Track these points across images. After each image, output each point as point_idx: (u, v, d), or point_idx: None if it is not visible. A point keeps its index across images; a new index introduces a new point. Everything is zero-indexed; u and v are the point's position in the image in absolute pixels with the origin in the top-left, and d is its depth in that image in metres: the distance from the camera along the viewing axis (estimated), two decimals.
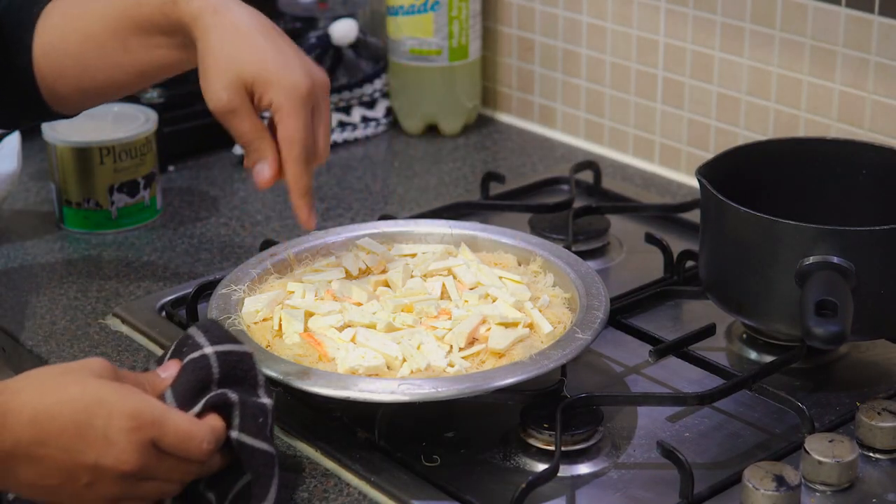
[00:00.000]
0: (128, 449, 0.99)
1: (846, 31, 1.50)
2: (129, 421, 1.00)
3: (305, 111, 1.19)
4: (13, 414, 0.99)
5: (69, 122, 1.58)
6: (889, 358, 1.29)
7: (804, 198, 1.35)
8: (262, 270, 1.31)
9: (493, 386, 1.11)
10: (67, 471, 1.00)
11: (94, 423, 0.99)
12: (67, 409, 0.99)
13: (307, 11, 1.93)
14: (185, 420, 1.03)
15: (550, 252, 1.32)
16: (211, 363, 1.06)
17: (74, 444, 0.99)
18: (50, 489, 1.01)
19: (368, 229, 1.37)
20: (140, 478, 1.01)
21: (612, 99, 1.77)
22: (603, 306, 1.22)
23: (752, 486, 1.04)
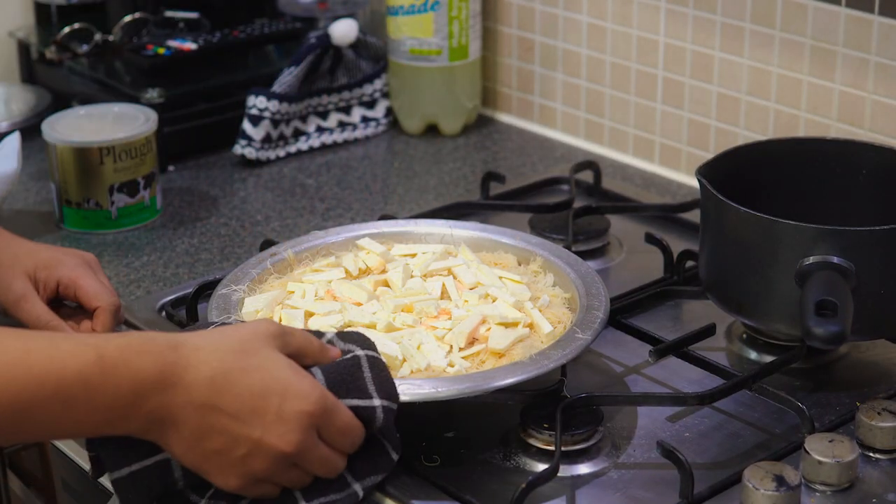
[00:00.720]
0: (296, 429, 1.01)
1: (846, 31, 1.50)
2: (307, 404, 1.02)
3: (102, 277, 1.31)
4: (192, 370, 0.99)
5: (69, 121, 1.59)
6: (889, 358, 1.29)
7: (804, 198, 1.35)
8: (262, 270, 1.31)
9: (492, 386, 1.11)
10: (231, 438, 1.01)
11: (270, 399, 1.01)
12: (247, 379, 1.01)
13: (307, 11, 1.94)
14: (348, 413, 1.05)
15: (550, 252, 1.32)
16: (362, 364, 1.08)
17: (246, 415, 1.00)
18: (205, 453, 1.01)
19: (368, 229, 1.37)
20: (292, 462, 1.03)
21: (612, 99, 1.77)
22: (603, 306, 1.22)
23: (752, 486, 1.04)
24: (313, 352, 1.08)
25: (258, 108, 1.75)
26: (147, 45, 1.82)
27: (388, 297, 1.25)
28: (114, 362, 0.97)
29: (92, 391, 0.97)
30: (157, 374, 0.98)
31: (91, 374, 0.96)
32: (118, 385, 0.97)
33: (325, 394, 1.04)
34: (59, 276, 1.27)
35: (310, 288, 1.27)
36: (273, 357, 1.03)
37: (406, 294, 1.25)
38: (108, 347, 0.98)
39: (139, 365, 0.98)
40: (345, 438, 1.05)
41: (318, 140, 1.83)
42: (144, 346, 0.99)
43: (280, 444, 1.01)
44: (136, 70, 1.81)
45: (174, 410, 0.99)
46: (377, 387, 1.07)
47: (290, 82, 1.76)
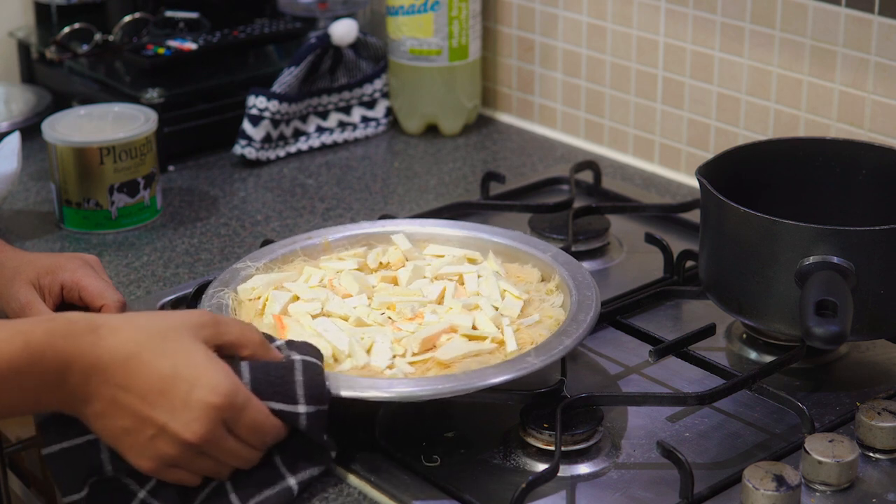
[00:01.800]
0: (200, 419, 1.03)
1: (846, 31, 1.50)
2: (214, 396, 1.03)
3: (104, 277, 1.33)
4: (108, 350, 1.03)
5: (69, 121, 1.59)
6: (889, 358, 1.29)
7: (804, 198, 1.35)
8: (290, 252, 1.33)
9: (442, 390, 1.11)
10: (139, 419, 1.03)
11: (179, 385, 1.03)
12: (159, 364, 1.03)
13: (307, 11, 1.94)
14: (262, 411, 1.07)
15: (556, 258, 1.30)
16: (295, 368, 1.09)
17: (153, 397, 1.03)
18: (116, 431, 1.04)
19: (406, 226, 1.38)
20: (199, 451, 1.05)
21: (612, 99, 1.77)
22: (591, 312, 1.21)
23: (752, 486, 1.04)
24: (252, 344, 1.10)
25: (258, 108, 1.75)
26: (147, 45, 1.82)
27: (381, 294, 1.25)
28: (40, 348, 1.02)
29: (21, 375, 1.01)
30: (78, 355, 1.02)
31: (20, 360, 1.01)
32: (44, 368, 1.02)
33: (238, 388, 1.05)
34: (62, 280, 1.28)
35: (318, 274, 1.29)
36: (191, 345, 1.05)
37: (396, 293, 1.25)
38: (34, 333, 1.02)
39: (62, 347, 1.02)
40: (255, 435, 1.07)
41: (318, 140, 1.83)
42: (67, 329, 1.03)
43: (184, 432, 1.03)
44: (136, 70, 1.81)
45: (91, 389, 1.03)
46: (306, 391, 1.08)
47: (290, 82, 1.76)
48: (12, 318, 1.27)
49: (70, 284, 1.28)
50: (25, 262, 1.29)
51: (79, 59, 1.85)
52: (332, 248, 1.36)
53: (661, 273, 1.43)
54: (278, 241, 1.36)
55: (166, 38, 1.84)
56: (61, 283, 1.28)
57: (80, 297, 1.28)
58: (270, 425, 1.07)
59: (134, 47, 1.83)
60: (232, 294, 1.26)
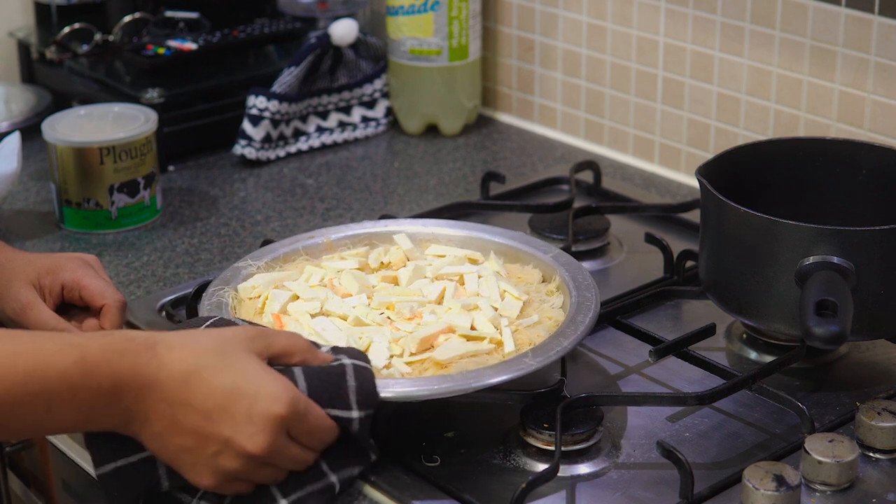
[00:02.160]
0: (265, 431, 1.03)
1: (846, 31, 1.50)
2: (278, 406, 1.03)
3: (104, 277, 1.32)
4: (165, 368, 1.02)
5: (69, 121, 1.59)
6: (889, 358, 1.29)
7: (804, 198, 1.35)
8: (293, 250, 1.33)
9: (438, 390, 1.11)
10: (201, 436, 1.03)
11: (241, 400, 1.03)
12: (220, 380, 1.03)
13: (307, 11, 1.94)
14: (321, 415, 1.07)
15: (557, 259, 1.30)
16: (347, 373, 1.09)
17: (216, 414, 1.02)
18: (177, 448, 1.04)
19: (407, 225, 1.38)
20: (262, 462, 1.04)
21: (612, 99, 1.77)
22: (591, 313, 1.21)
23: (752, 486, 1.04)
24: (301, 350, 1.10)
25: (258, 108, 1.75)
26: (147, 45, 1.82)
27: (381, 293, 1.25)
28: (95, 362, 1.00)
29: (74, 390, 1.00)
30: (134, 372, 1.01)
31: (73, 375, 1.00)
32: (99, 385, 1.00)
33: (297, 396, 1.05)
34: (62, 280, 1.28)
35: (319, 274, 1.29)
36: (247, 359, 1.05)
37: (395, 293, 1.25)
38: (90, 347, 1.01)
39: (119, 364, 1.01)
40: (315, 439, 1.07)
41: (318, 140, 1.83)
42: (124, 345, 1.02)
43: (249, 446, 1.03)
44: (136, 70, 1.82)
45: (148, 407, 1.02)
46: (358, 397, 1.08)
47: (290, 82, 1.76)
48: (13, 319, 1.27)
49: (71, 284, 1.28)
50: (25, 262, 1.29)
51: (79, 59, 1.85)
52: (335, 248, 1.36)
53: (661, 273, 1.43)
54: (280, 240, 1.36)
55: (166, 38, 1.84)
56: (62, 282, 1.28)
57: (80, 296, 1.28)
58: (328, 427, 1.07)
59: (134, 47, 1.83)
60: (232, 293, 1.27)
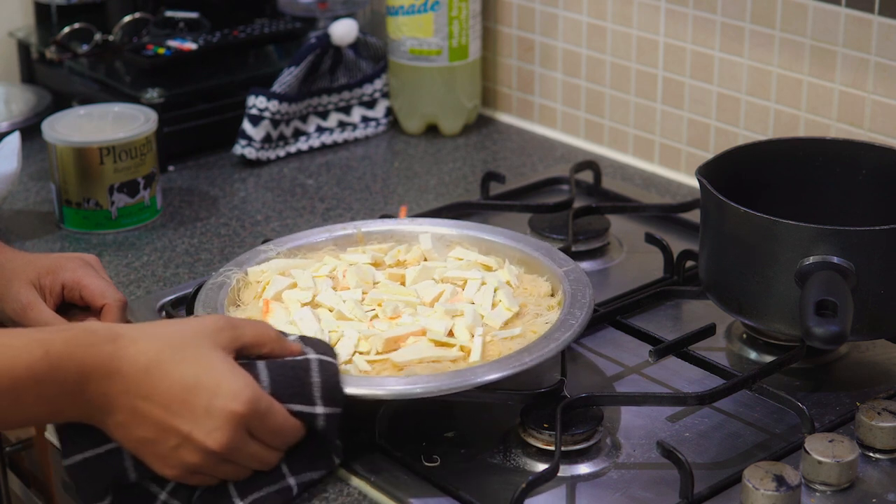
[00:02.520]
0: (223, 427, 1.03)
1: (846, 31, 1.50)
2: (237, 404, 1.04)
3: (104, 276, 1.32)
4: (128, 361, 1.03)
5: (69, 121, 1.59)
6: (889, 358, 1.29)
7: (804, 198, 1.35)
8: (321, 240, 1.35)
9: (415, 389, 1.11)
10: (161, 429, 1.04)
11: (200, 394, 1.03)
12: (180, 373, 1.03)
13: (307, 11, 1.94)
14: (283, 415, 1.07)
15: (568, 275, 1.29)
16: (311, 368, 1.09)
17: (176, 407, 1.03)
18: (139, 440, 1.05)
19: (438, 226, 1.38)
20: (222, 458, 1.05)
21: (612, 99, 1.77)
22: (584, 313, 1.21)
23: (752, 486, 1.04)
24: (269, 341, 1.10)
25: (258, 108, 1.75)
26: (147, 45, 1.82)
27: (377, 290, 1.26)
28: (59, 356, 1.01)
29: (40, 384, 1.01)
30: (97, 365, 1.02)
31: (39, 369, 1.01)
32: (64, 378, 1.01)
33: (259, 394, 1.05)
34: (63, 280, 1.28)
35: (330, 266, 1.30)
36: (210, 352, 1.05)
37: (389, 291, 1.26)
38: (54, 342, 1.02)
39: (82, 357, 1.02)
40: (277, 438, 1.07)
41: (318, 140, 1.83)
42: (87, 338, 1.03)
43: (208, 441, 1.04)
44: (136, 70, 1.82)
45: (111, 398, 1.03)
46: (323, 393, 1.08)
47: (290, 82, 1.76)
48: (13, 319, 1.27)
49: (71, 284, 1.28)
50: (25, 262, 1.29)
51: (79, 59, 1.85)
52: (365, 241, 1.36)
53: (661, 273, 1.43)
54: (311, 228, 1.38)
55: (166, 38, 1.84)
56: (62, 282, 1.28)
57: (80, 296, 1.28)
58: (291, 427, 1.08)
59: (134, 47, 1.83)
60: (240, 275, 1.28)
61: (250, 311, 1.25)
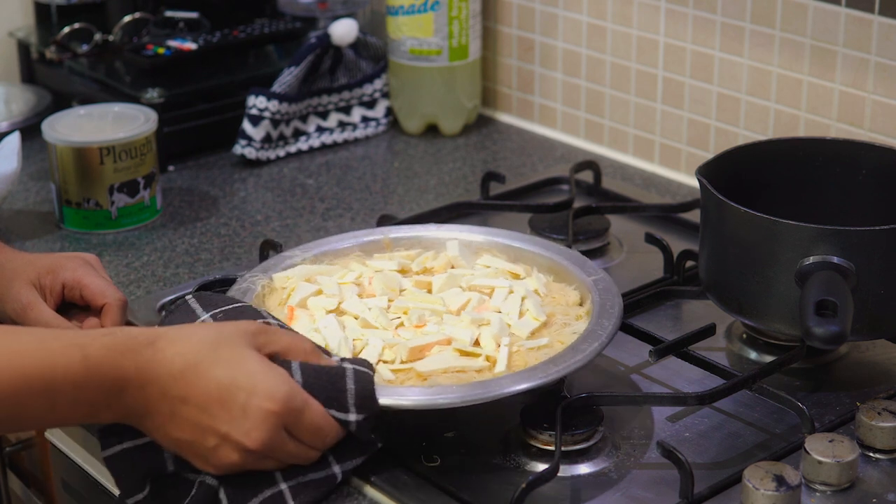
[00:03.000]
0: (260, 427, 1.04)
1: (846, 31, 1.50)
2: (272, 403, 1.04)
3: (104, 275, 1.32)
4: (165, 364, 1.03)
5: (69, 121, 1.59)
6: (889, 358, 1.29)
7: (804, 198, 1.35)
8: (348, 246, 1.35)
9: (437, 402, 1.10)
10: (200, 430, 1.04)
11: (237, 394, 1.03)
12: (216, 373, 1.04)
13: (307, 11, 1.94)
14: (320, 413, 1.07)
15: (597, 284, 1.28)
16: (347, 375, 1.09)
17: (213, 408, 1.03)
18: (178, 441, 1.05)
19: (466, 233, 1.36)
20: (261, 456, 1.05)
21: (612, 99, 1.77)
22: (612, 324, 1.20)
23: (752, 486, 1.04)
24: (303, 353, 1.10)
25: (258, 108, 1.75)
26: (147, 45, 1.82)
27: (403, 298, 1.26)
28: (98, 362, 1.01)
29: (77, 389, 1.01)
30: (136, 370, 1.02)
31: (77, 374, 1.01)
32: (101, 383, 1.02)
33: (295, 392, 1.05)
34: (63, 279, 1.28)
35: (356, 272, 1.30)
36: (245, 353, 1.05)
37: (416, 299, 1.25)
38: (93, 346, 1.02)
39: (121, 363, 1.02)
40: (316, 437, 1.07)
41: (318, 140, 1.83)
42: (126, 344, 1.03)
43: (245, 441, 1.04)
44: (136, 70, 1.81)
45: (149, 402, 1.03)
46: (356, 401, 1.08)
47: (290, 82, 1.76)
48: (14, 319, 1.27)
49: (71, 283, 1.28)
50: (25, 262, 1.29)
51: (79, 59, 1.85)
52: (393, 247, 1.36)
53: (661, 273, 1.43)
54: (337, 234, 1.38)
55: (166, 38, 1.84)
56: (62, 282, 1.28)
57: (81, 295, 1.28)
58: (329, 427, 1.08)
59: (134, 47, 1.83)
60: (265, 281, 1.27)
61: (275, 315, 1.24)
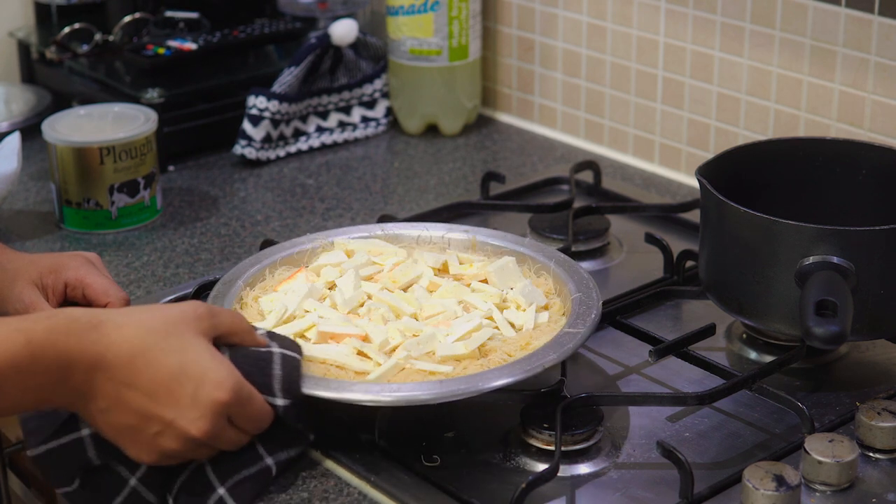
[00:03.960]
0: (208, 416, 1.04)
1: (846, 31, 1.50)
2: (222, 392, 1.05)
3: (105, 274, 1.32)
4: (112, 348, 1.03)
5: (69, 121, 1.59)
6: (889, 358, 1.29)
7: (804, 198, 1.35)
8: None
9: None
10: (144, 416, 1.04)
11: (185, 383, 1.04)
12: (165, 361, 1.04)
13: (307, 11, 1.94)
14: (261, 402, 1.08)
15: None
16: (274, 360, 1.10)
17: (160, 395, 1.04)
18: (119, 427, 1.05)
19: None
20: (200, 444, 1.06)
21: (612, 99, 1.77)
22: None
23: (752, 486, 1.04)
24: (242, 332, 1.11)
25: (258, 108, 1.75)
26: (147, 45, 1.82)
27: (385, 294, 1.26)
28: (41, 345, 1.01)
29: (23, 373, 1.01)
30: (81, 353, 1.02)
31: (22, 359, 1.01)
32: (47, 367, 1.01)
33: (241, 382, 1.07)
34: (65, 279, 1.28)
35: (399, 258, 1.33)
36: (195, 341, 1.06)
37: (404, 299, 1.26)
38: (36, 331, 1.02)
39: (65, 345, 1.02)
40: (253, 424, 1.09)
41: (318, 140, 1.83)
42: (69, 326, 1.03)
43: (191, 429, 1.05)
44: (136, 70, 1.81)
45: (95, 385, 1.03)
46: (282, 385, 1.10)
47: (290, 82, 1.76)
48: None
49: (74, 282, 1.28)
50: (27, 262, 1.29)
51: (79, 59, 1.85)
52: (477, 249, 1.36)
53: (661, 273, 1.43)
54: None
55: (166, 38, 1.84)
56: (65, 281, 1.28)
57: (83, 294, 1.29)
58: (267, 414, 1.09)
59: (134, 47, 1.83)
60: (325, 242, 1.34)
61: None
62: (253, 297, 1.28)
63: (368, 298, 1.26)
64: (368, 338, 1.19)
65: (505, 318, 1.23)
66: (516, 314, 1.24)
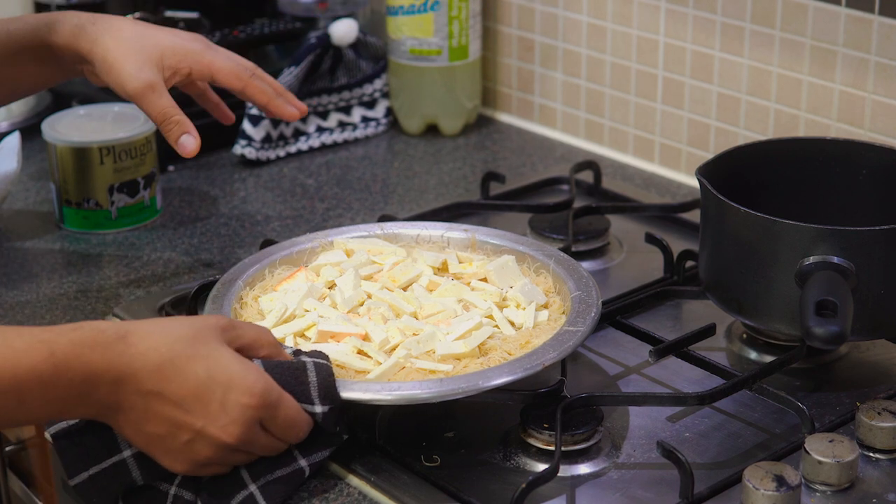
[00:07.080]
0: (238, 422, 1.04)
1: (846, 31, 1.50)
2: (250, 398, 1.04)
3: (226, 52, 1.29)
4: (138, 358, 1.02)
5: (69, 121, 1.59)
6: (889, 358, 1.30)
7: (804, 198, 1.35)
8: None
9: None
10: (174, 425, 1.04)
11: (214, 389, 1.03)
12: (193, 367, 1.03)
13: (307, 11, 1.93)
14: (294, 407, 1.08)
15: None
16: (308, 369, 1.10)
17: (190, 404, 1.03)
18: (150, 437, 1.05)
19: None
20: (234, 450, 1.06)
21: (612, 99, 1.77)
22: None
23: (752, 486, 1.04)
24: (268, 346, 1.11)
25: (258, 109, 1.75)
26: None
27: (386, 293, 1.26)
28: (65, 357, 1.00)
29: (45, 386, 1.00)
30: (107, 365, 1.01)
31: (44, 371, 1.00)
32: (71, 379, 1.00)
33: (271, 387, 1.06)
34: (190, 65, 1.26)
35: (399, 258, 1.33)
36: (220, 348, 1.05)
37: (404, 298, 1.26)
38: (59, 343, 1.01)
39: (90, 358, 1.01)
40: (289, 431, 1.08)
41: (318, 140, 1.83)
42: (95, 338, 1.02)
43: (222, 435, 1.04)
44: None
45: (122, 397, 1.03)
46: (319, 392, 1.09)
47: (290, 82, 1.76)
48: (130, 96, 1.28)
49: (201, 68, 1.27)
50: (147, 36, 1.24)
51: None
52: (477, 248, 1.36)
53: (661, 273, 1.43)
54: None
55: None
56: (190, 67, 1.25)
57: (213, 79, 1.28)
58: (303, 420, 1.08)
59: None
60: (325, 242, 1.34)
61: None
62: (253, 297, 1.28)
63: (368, 297, 1.26)
64: (368, 337, 1.19)
65: (505, 317, 1.23)
66: (516, 313, 1.24)
